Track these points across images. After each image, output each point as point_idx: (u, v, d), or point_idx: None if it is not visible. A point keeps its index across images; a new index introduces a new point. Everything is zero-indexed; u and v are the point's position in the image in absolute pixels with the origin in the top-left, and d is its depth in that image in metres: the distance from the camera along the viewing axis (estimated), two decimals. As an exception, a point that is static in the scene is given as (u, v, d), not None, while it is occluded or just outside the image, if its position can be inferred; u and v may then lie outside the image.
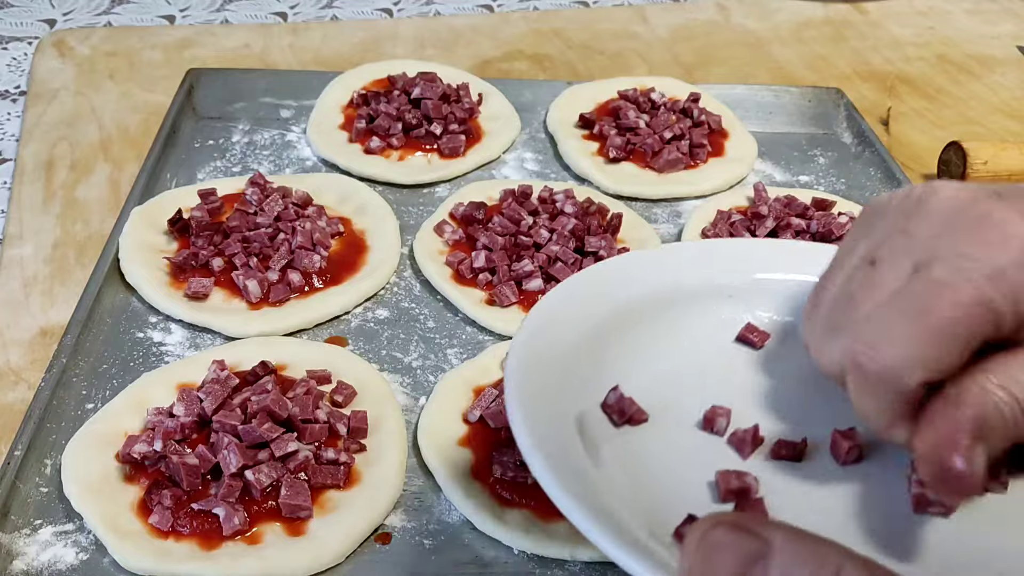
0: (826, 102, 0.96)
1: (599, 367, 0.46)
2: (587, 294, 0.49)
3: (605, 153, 0.84)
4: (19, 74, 0.99)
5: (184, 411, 0.55)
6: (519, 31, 1.12)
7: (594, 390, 0.45)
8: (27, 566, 0.50)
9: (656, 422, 0.45)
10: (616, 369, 0.47)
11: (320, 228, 0.71)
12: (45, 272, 0.71)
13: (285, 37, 1.07)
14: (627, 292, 0.50)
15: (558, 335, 0.46)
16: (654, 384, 0.47)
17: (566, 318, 0.47)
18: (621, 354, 0.48)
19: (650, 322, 0.49)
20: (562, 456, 0.40)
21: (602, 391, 0.45)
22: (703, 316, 0.51)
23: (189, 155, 0.83)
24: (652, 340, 0.49)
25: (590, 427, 0.43)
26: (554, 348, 0.45)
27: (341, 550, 0.51)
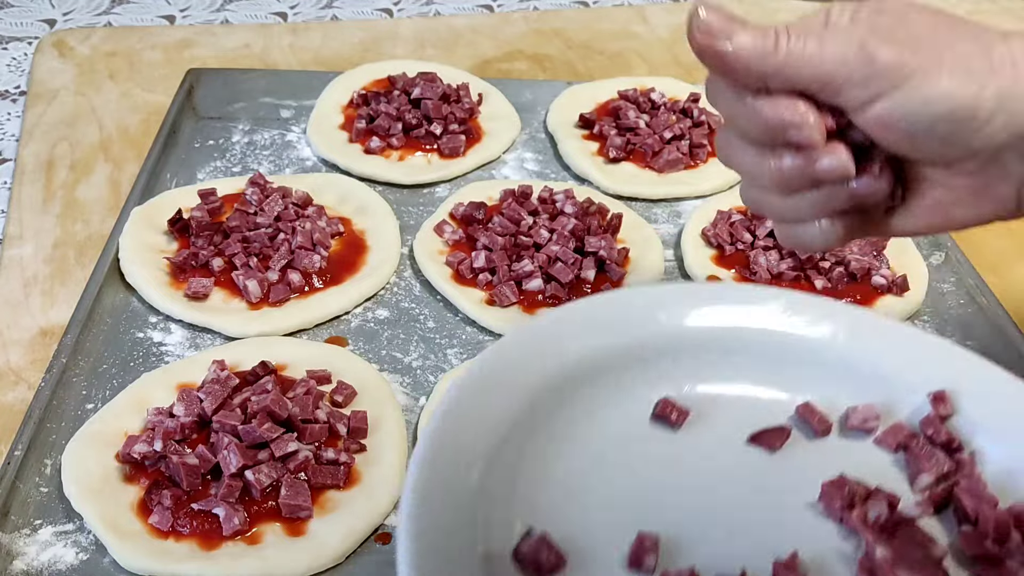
0: (826, 102, 0.96)
1: (509, 480, 0.41)
2: (494, 383, 0.43)
3: (605, 153, 0.84)
4: (19, 74, 0.99)
5: (184, 411, 0.55)
6: (519, 31, 1.12)
7: (503, 520, 0.40)
8: (27, 566, 0.50)
9: (576, 565, 0.39)
10: (528, 484, 0.41)
11: (320, 228, 0.71)
12: (45, 272, 0.71)
13: (285, 37, 1.07)
14: (540, 371, 0.44)
15: (465, 442, 0.40)
16: (569, 504, 0.42)
17: (473, 418, 0.41)
18: (533, 460, 0.42)
19: (565, 408, 0.44)
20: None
21: (511, 522, 0.40)
22: (616, 391, 0.46)
23: (189, 155, 0.83)
24: (566, 434, 0.44)
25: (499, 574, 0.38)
26: (459, 460, 0.39)
27: (341, 550, 0.52)
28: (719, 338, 0.49)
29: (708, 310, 0.49)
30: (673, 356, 0.48)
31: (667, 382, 0.47)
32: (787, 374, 0.49)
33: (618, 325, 0.47)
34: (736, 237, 0.75)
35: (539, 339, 0.45)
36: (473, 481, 0.39)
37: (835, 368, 0.49)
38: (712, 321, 0.49)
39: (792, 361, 0.49)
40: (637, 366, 0.47)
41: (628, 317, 0.48)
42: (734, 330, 0.49)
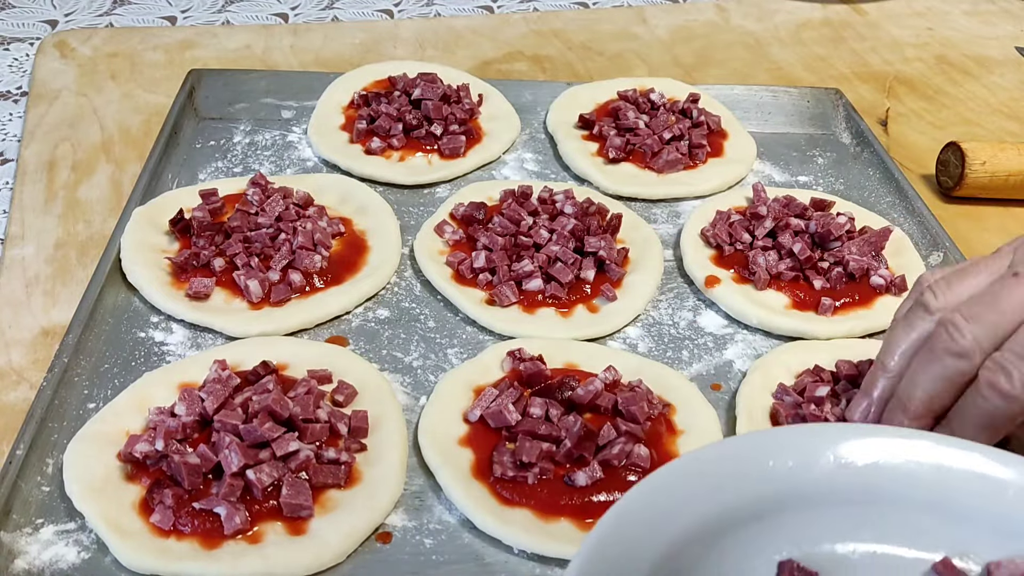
0: (825, 103, 0.96)
1: None
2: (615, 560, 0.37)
3: (605, 154, 0.85)
4: (21, 75, 0.99)
5: (185, 411, 0.56)
6: (519, 32, 1.12)
7: None
8: (29, 565, 0.50)
9: None
10: None
11: (321, 228, 0.71)
12: (47, 272, 0.71)
13: (286, 38, 1.07)
14: (661, 538, 0.38)
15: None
16: None
17: None
18: None
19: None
20: None
21: None
22: (740, 555, 0.40)
23: (190, 155, 0.84)
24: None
25: None
26: None
27: (342, 549, 0.52)
28: (854, 484, 0.43)
29: (848, 448, 0.43)
30: (798, 509, 0.42)
31: (790, 541, 0.42)
32: (932, 524, 0.43)
33: (739, 479, 0.42)
34: (735, 237, 0.75)
35: (658, 501, 0.40)
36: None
37: (988, 516, 0.43)
38: (852, 460, 0.43)
39: (940, 509, 0.43)
40: (757, 524, 0.41)
41: (748, 469, 0.42)
42: (874, 469, 0.43)
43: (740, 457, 0.42)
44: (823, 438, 0.43)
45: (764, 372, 0.63)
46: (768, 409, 0.61)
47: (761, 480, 0.41)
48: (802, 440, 0.43)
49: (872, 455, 0.43)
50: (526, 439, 0.55)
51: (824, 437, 0.43)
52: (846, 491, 0.42)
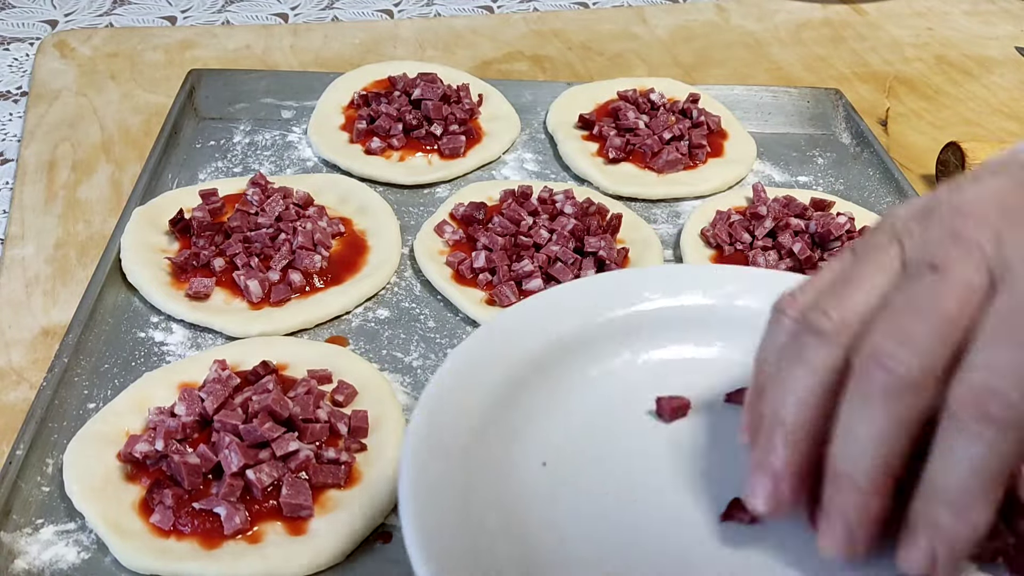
0: (825, 103, 0.96)
1: (507, 436, 0.44)
2: (482, 363, 0.46)
3: (605, 154, 0.85)
4: (21, 75, 0.99)
5: (185, 411, 0.56)
6: (519, 32, 1.12)
7: (506, 463, 0.43)
8: (28, 565, 0.50)
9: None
10: (528, 434, 0.44)
11: (321, 228, 0.71)
12: (47, 272, 0.72)
13: (286, 38, 1.07)
14: (521, 351, 0.47)
15: (456, 413, 0.43)
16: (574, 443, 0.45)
17: (463, 393, 0.44)
18: (527, 419, 0.45)
19: (549, 381, 0.47)
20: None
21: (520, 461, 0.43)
22: (591, 361, 0.49)
23: (190, 155, 0.84)
24: (554, 397, 0.47)
25: None
26: (454, 427, 0.42)
27: (342, 549, 0.52)
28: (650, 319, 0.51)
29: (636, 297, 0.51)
30: (623, 335, 0.50)
31: (625, 353, 0.50)
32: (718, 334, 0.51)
33: (566, 316, 0.50)
34: (735, 237, 0.75)
35: (518, 323, 0.49)
36: (468, 443, 0.42)
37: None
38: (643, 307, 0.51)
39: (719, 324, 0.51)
40: (573, 352, 0.49)
41: (575, 308, 0.50)
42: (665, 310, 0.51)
43: (566, 302, 0.50)
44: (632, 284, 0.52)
45: None
46: None
47: (580, 318, 0.50)
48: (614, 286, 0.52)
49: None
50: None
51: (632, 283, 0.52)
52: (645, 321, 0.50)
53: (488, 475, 0.41)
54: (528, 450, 0.44)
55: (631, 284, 0.52)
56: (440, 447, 0.41)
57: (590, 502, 0.42)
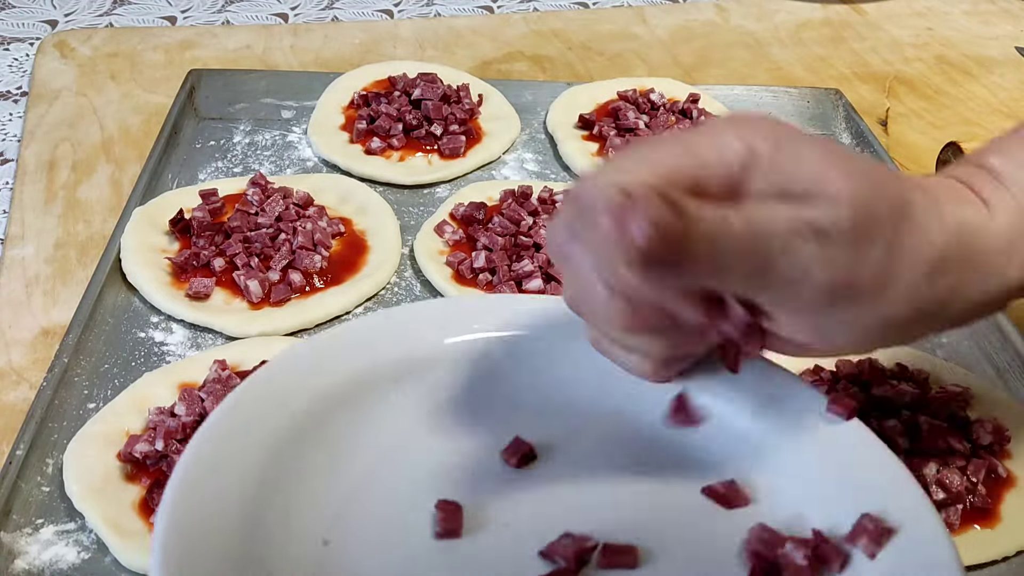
0: (825, 103, 0.96)
1: (284, 498, 0.39)
2: (256, 411, 0.41)
3: (605, 154, 0.85)
4: (20, 75, 0.99)
5: (185, 411, 0.56)
6: (519, 32, 1.12)
7: (285, 536, 0.38)
8: (28, 565, 0.50)
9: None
10: (309, 498, 0.40)
11: (321, 228, 0.71)
12: (47, 272, 0.71)
13: (286, 38, 1.07)
14: (306, 391, 0.43)
15: (228, 462, 0.38)
16: (359, 507, 0.41)
17: (235, 443, 0.40)
18: (308, 477, 0.41)
19: (332, 426, 0.43)
20: None
21: (301, 537, 0.39)
22: (380, 405, 0.45)
23: (190, 156, 0.84)
24: (337, 450, 0.42)
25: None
26: (223, 481, 0.38)
27: (342, 549, 0.52)
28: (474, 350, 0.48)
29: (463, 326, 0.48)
30: (433, 370, 0.47)
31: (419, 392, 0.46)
32: None
33: (380, 344, 0.47)
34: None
35: (303, 362, 0.45)
36: (238, 504, 0.37)
37: None
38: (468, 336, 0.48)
39: None
40: (401, 381, 0.46)
41: (390, 336, 0.47)
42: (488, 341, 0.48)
43: (390, 324, 0.48)
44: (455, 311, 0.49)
45: None
46: None
47: (402, 344, 0.47)
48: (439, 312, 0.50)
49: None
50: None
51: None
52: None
53: (263, 557, 0.37)
54: (307, 524, 0.39)
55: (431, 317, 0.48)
56: (202, 524, 0.36)
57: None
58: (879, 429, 0.57)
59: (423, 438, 0.44)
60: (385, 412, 0.45)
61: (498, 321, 0.48)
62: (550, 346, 0.47)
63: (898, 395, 0.59)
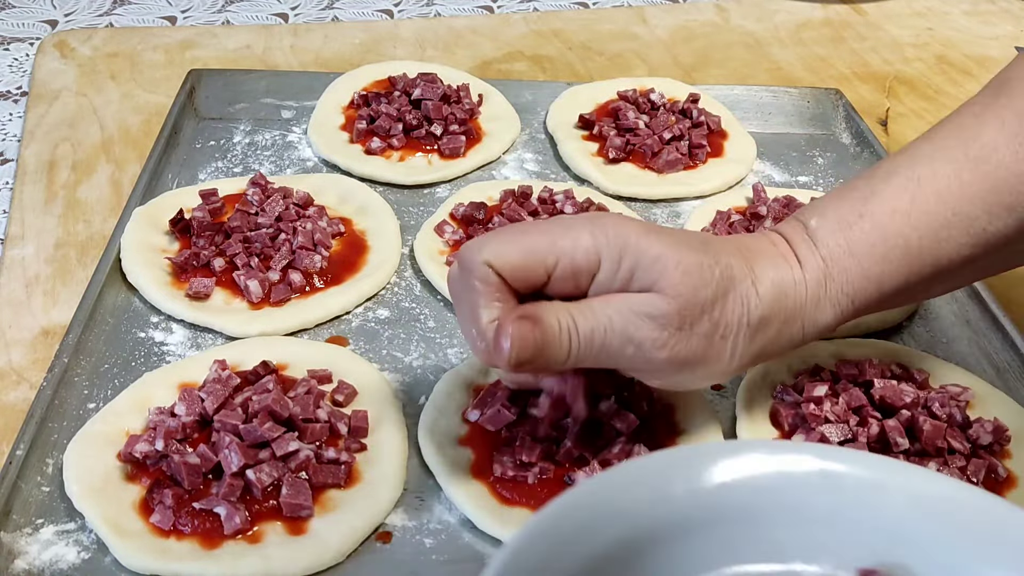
0: (825, 103, 0.96)
1: None
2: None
3: (605, 154, 0.85)
4: (21, 75, 0.99)
5: (185, 411, 0.56)
6: (519, 32, 1.12)
7: None
8: (29, 565, 0.50)
9: None
10: None
11: (321, 228, 0.71)
12: (47, 272, 0.72)
13: (286, 38, 1.07)
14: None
15: None
16: None
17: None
18: None
19: None
20: None
21: None
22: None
23: (190, 155, 0.84)
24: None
25: None
26: None
27: (342, 549, 0.52)
28: (748, 501, 0.39)
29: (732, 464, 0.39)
30: (700, 531, 0.38)
31: (700, 566, 0.38)
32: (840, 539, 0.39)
33: (636, 505, 0.38)
34: (735, 237, 0.75)
35: (553, 538, 0.36)
36: None
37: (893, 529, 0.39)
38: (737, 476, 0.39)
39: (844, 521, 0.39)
40: (663, 549, 0.38)
41: (641, 494, 0.38)
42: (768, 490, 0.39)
43: (639, 479, 0.38)
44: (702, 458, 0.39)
45: (764, 371, 0.63)
46: (768, 408, 0.61)
47: (658, 502, 0.38)
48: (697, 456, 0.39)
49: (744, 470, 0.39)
50: (526, 438, 0.55)
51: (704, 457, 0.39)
52: (724, 509, 0.38)
53: None
54: None
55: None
56: None
57: None
58: (880, 429, 0.57)
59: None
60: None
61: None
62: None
63: (898, 395, 0.59)
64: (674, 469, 0.38)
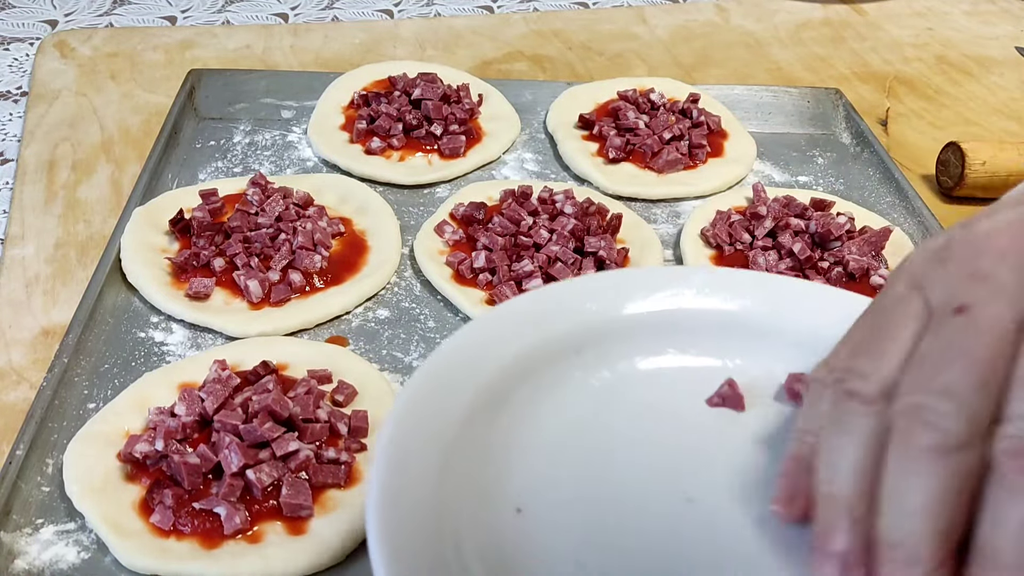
0: (825, 103, 0.96)
1: (473, 471, 0.41)
2: (440, 387, 0.42)
3: (605, 154, 0.85)
4: (21, 75, 0.99)
5: (185, 411, 0.56)
6: (519, 32, 1.12)
7: (476, 510, 0.40)
8: (29, 565, 0.50)
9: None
10: (495, 471, 0.41)
11: (321, 228, 0.71)
12: (47, 272, 0.72)
13: (286, 38, 1.07)
14: (483, 371, 0.44)
15: (420, 444, 0.40)
16: (547, 484, 0.41)
17: (425, 423, 0.41)
18: (492, 451, 0.42)
19: (509, 404, 0.44)
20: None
21: (494, 509, 0.40)
22: (556, 381, 0.46)
23: (190, 155, 0.84)
24: (519, 424, 0.43)
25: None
26: (419, 461, 0.39)
27: (342, 549, 0.52)
28: (650, 322, 0.49)
29: (638, 296, 0.49)
30: (607, 342, 0.48)
31: (604, 365, 0.47)
32: (724, 345, 0.49)
33: (551, 319, 0.47)
34: (735, 237, 0.75)
35: (478, 341, 0.45)
36: (435, 479, 0.39)
37: (766, 337, 0.49)
38: (642, 308, 0.49)
39: (727, 333, 0.49)
40: (573, 355, 0.47)
41: (560, 310, 0.48)
42: (664, 313, 0.49)
43: (560, 298, 0.48)
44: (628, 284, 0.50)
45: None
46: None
47: (573, 318, 0.47)
48: (609, 285, 0.50)
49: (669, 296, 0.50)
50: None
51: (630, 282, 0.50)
52: (650, 324, 0.49)
53: (462, 521, 0.38)
54: (497, 493, 0.41)
55: (630, 284, 0.50)
56: (411, 464, 0.39)
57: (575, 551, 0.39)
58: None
59: (608, 406, 0.45)
60: (568, 382, 0.46)
61: (676, 291, 0.50)
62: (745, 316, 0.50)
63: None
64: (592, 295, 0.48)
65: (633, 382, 0.47)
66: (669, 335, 0.49)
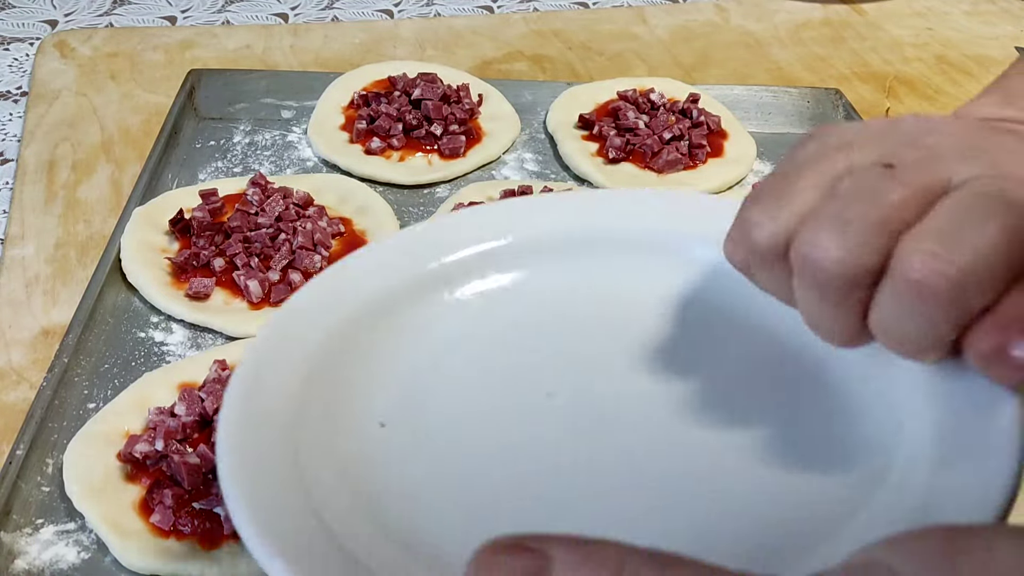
0: (825, 103, 0.96)
1: (333, 400, 0.40)
2: (293, 333, 0.42)
3: (605, 154, 0.85)
4: (20, 75, 0.99)
5: (186, 411, 0.56)
6: (519, 32, 1.12)
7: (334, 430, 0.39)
8: (28, 565, 0.50)
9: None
10: (357, 396, 0.41)
11: (321, 228, 0.71)
12: (47, 272, 0.72)
13: (286, 38, 1.07)
14: (333, 315, 0.43)
15: (274, 385, 0.39)
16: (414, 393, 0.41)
17: (281, 363, 0.40)
18: (350, 383, 0.41)
19: (368, 339, 0.43)
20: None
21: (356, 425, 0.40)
22: (411, 314, 0.45)
23: (190, 155, 0.84)
24: (378, 355, 0.43)
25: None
26: (272, 403, 0.39)
27: (342, 549, 0.52)
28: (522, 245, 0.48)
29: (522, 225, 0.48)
30: (477, 270, 0.47)
31: (471, 288, 0.46)
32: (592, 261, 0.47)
33: (428, 252, 0.46)
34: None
35: (348, 276, 0.45)
36: (292, 404, 0.39)
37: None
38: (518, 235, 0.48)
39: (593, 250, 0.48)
40: (443, 285, 0.46)
41: (442, 243, 0.47)
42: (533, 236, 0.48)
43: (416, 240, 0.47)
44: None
45: None
46: None
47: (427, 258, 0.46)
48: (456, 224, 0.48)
49: None
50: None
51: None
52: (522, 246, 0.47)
53: (319, 436, 0.38)
54: (365, 406, 0.40)
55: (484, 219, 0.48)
56: (263, 406, 0.38)
57: (441, 461, 0.39)
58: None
59: (475, 324, 0.45)
60: (433, 306, 0.45)
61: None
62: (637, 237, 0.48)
63: None
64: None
65: (501, 301, 0.46)
66: (533, 254, 0.47)
